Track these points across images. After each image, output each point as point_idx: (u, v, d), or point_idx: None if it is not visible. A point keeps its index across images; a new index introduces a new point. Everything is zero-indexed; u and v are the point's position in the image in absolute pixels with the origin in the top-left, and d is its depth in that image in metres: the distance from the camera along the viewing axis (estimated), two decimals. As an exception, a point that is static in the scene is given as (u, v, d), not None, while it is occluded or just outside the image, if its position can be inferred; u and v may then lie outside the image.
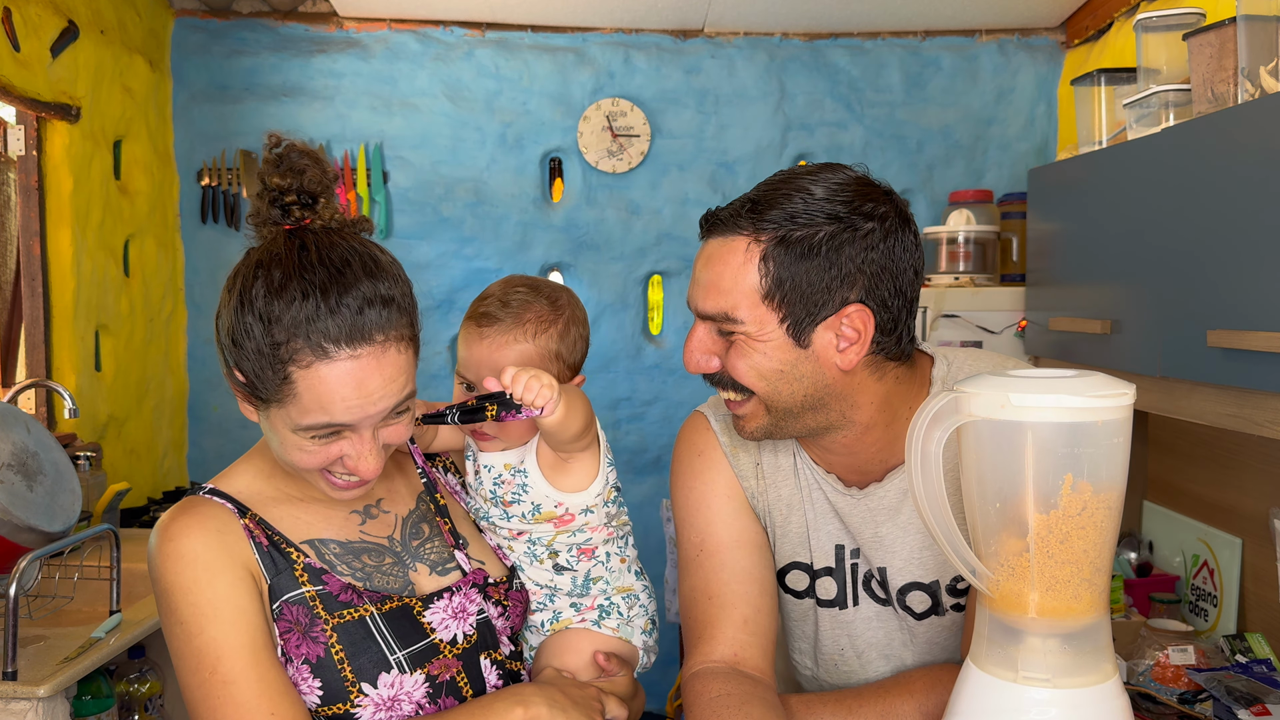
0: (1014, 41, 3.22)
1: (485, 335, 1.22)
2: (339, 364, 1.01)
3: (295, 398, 1.01)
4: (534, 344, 1.22)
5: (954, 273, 2.78)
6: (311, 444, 1.04)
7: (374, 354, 1.02)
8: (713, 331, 1.19)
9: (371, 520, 1.20)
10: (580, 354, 1.28)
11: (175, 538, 1.06)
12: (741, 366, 1.16)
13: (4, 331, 2.56)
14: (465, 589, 1.19)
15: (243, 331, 1.01)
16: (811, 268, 1.12)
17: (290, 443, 1.05)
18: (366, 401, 1.02)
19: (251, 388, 1.04)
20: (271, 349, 1.00)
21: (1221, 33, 1.63)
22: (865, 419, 1.20)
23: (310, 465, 1.06)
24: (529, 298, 1.24)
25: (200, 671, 1.04)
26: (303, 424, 1.02)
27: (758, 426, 1.21)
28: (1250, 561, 2.06)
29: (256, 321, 1.00)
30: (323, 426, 1.02)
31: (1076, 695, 0.92)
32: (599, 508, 1.26)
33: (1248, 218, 1.50)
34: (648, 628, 1.32)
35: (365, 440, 1.06)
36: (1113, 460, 0.91)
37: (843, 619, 1.31)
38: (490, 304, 1.24)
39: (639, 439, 3.30)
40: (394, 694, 1.09)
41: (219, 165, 3.17)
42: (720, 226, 1.16)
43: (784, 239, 1.12)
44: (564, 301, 1.27)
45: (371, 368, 1.02)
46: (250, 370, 1.02)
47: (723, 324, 1.16)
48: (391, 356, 1.04)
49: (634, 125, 3.22)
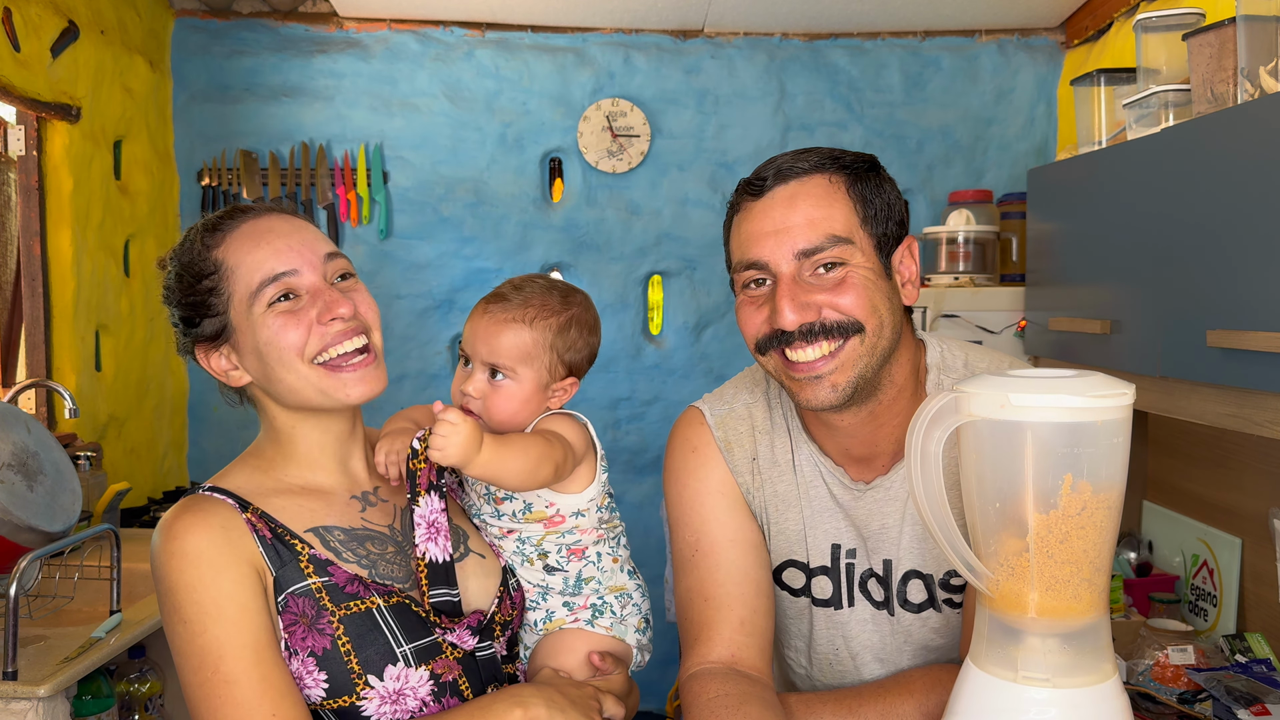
0: (1014, 41, 3.22)
1: (489, 311, 1.25)
2: (243, 225, 1.13)
3: (233, 271, 1.11)
4: (531, 329, 1.23)
5: (954, 273, 2.78)
6: (281, 319, 1.10)
7: (272, 215, 1.15)
8: (804, 277, 1.15)
9: (372, 508, 1.20)
10: (581, 356, 1.29)
11: (178, 536, 1.07)
12: (851, 297, 1.14)
13: (4, 331, 2.56)
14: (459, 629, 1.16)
15: (174, 281, 1.14)
16: (881, 201, 1.18)
17: (267, 335, 1.10)
18: (290, 240, 1.12)
19: (208, 316, 1.12)
20: (196, 258, 1.13)
21: (1221, 33, 1.63)
22: (901, 379, 1.23)
23: (296, 341, 1.10)
24: (541, 289, 1.27)
25: (202, 670, 1.04)
26: (254, 288, 1.10)
27: (848, 380, 1.16)
28: (1250, 561, 2.06)
29: (175, 272, 1.15)
30: (272, 279, 1.10)
31: (1076, 695, 0.92)
32: (591, 512, 1.27)
33: (1248, 218, 1.50)
34: (641, 626, 1.32)
35: (327, 289, 1.12)
36: (1112, 460, 0.91)
37: (838, 619, 1.31)
38: (504, 287, 1.28)
39: (639, 439, 3.30)
40: (399, 687, 1.09)
41: (219, 165, 3.17)
42: (785, 174, 1.18)
43: (855, 174, 1.18)
44: (576, 302, 1.29)
45: (275, 219, 1.14)
46: (195, 299, 1.12)
47: (827, 254, 1.14)
48: (290, 218, 1.16)
49: (634, 125, 3.22)
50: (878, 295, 1.16)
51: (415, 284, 3.22)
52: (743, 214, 1.21)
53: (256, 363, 1.12)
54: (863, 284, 1.15)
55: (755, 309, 1.19)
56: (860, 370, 1.16)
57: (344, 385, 1.12)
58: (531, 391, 1.24)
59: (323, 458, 1.19)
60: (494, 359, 1.23)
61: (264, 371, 1.12)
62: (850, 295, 1.14)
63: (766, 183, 1.18)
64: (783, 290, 1.15)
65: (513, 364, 1.23)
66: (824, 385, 1.16)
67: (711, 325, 3.32)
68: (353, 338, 1.12)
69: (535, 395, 1.25)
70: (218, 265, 1.11)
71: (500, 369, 1.23)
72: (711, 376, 3.31)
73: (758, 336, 1.19)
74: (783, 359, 1.18)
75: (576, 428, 1.26)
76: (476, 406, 1.24)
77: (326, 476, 1.19)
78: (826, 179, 1.17)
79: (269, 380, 1.13)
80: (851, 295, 1.14)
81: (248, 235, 1.12)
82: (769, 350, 1.19)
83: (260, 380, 1.14)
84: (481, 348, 1.23)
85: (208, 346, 1.14)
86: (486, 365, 1.23)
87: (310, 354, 1.10)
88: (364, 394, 1.13)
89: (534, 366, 1.24)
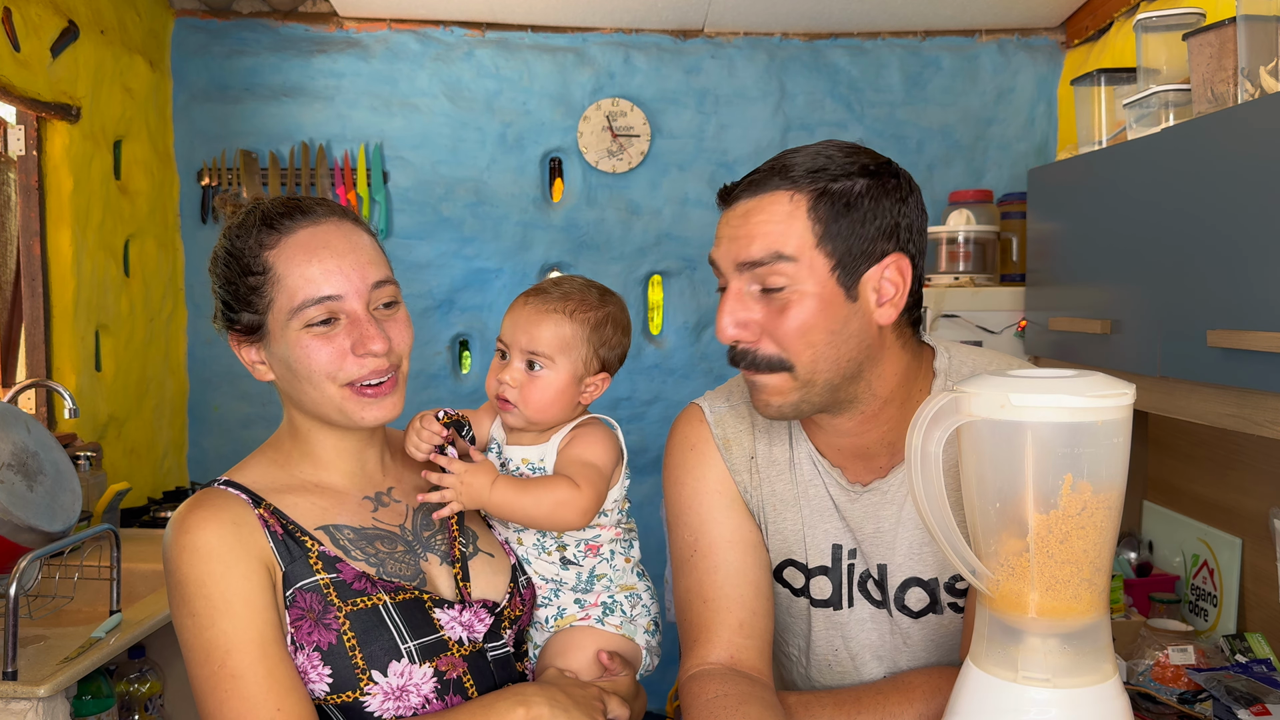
0: (1014, 41, 3.22)
1: (529, 303, 1.29)
2: (300, 231, 1.12)
3: (279, 281, 1.10)
4: (571, 321, 1.28)
5: (954, 273, 2.77)
6: (316, 340, 1.10)
7: (331, 223, 1.14)
8: (751, 293, 1.14)
9: (383, 508, 1.21)
10: (614, 355, 1.33)
11: (190, 530, 1.07)
12: (787, 326, 1.11)
13: (4, 331, 2.56)
14: (475, 607, 1.19)
15: (223, 263, 1.14)
16: (855, 217, 1.12)
17: (299, 353, 1.10)
18: (343, 263, 1.11)
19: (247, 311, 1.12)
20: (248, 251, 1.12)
21: (1221, 33, 1.63)
22: (886, 391, 1.20)
23: (326, 365, 1.10)
24: (581, 285, 1.32)
25: (209, 664, 1.05)
26: (295, 304, 1.09)
27: (785, 402, 1.15)
28: (1250, 561, 2.06)
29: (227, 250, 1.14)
30: (315, 302, 1.09)
31: (1076, 695, 0.92)
32: (613, 512, 1.30)
33: (1248, 218, 1.50)
34: (651, 628, 1.33)
35: (366, 320, 1.12)
36: (1113, 460, 0.91)
37: (837, 620, 1.30)
38: (545, 283, 1.33)
39: (639, 439, 3.30)
40: (403, 683, 1.10)
41: (219, 165, 3.17)
42: (753, 187, 1.15)
43: (824, 191, 1.12)
44: (612, 301, 1.34)
45: (333, 231, 1.13)
46: (239, 290, 1.12)
47: (771, 272, 1.11)
48: (350, 229, 1.15)
49: (634, 125, 3.22)
50: (820, 328, 1.12)
51: (415, 284, 3.22)
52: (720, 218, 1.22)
53: (284, 370, 1.14)
54: (803, 316, 1.12)
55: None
56: (798, 399, 1.15)
57: (362, 408, 1.13)
58: (567, 383, 1.27)
59: (338, 460, 1.20)
60: (533, 348, 1.26)
61: (289, 380, 1.14)
62: (785, 327, 1.12)
63: (736, 190, 1.17)
64: (724, 301, 1.15)
65: (552, 353, 1.26)
66: (767, 399, 1.17)
67: (711, 325, 3.31)
68: (383, 375, 1.14)
69: (570, 387, 1.28)
70: (266, 268, 1.11)
71: (538, 359, 1.27)
72: (711, 377, 3.31)
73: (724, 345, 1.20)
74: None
75: (609, 443, 1.29)
76: (513, 396, 1.27)
77: (341, 477, 1.20)
78: (789, 196, 1.13)
79: (292, 389, 1.14)
80: (786, 328, 1.12)
81: (303, 245, 1.11)
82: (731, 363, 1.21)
83: (284, 385, 1.16)
84: (522, 336, 1.27)
85: (241, 336, 1.16)
86: (525, 355, 1.27)
87: (342, 379, 1.12)
88: (380, 419, 1.15)
89: (571, 358, 1.27)
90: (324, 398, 1.12)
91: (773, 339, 1.13)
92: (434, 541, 1.22)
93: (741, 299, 1.14)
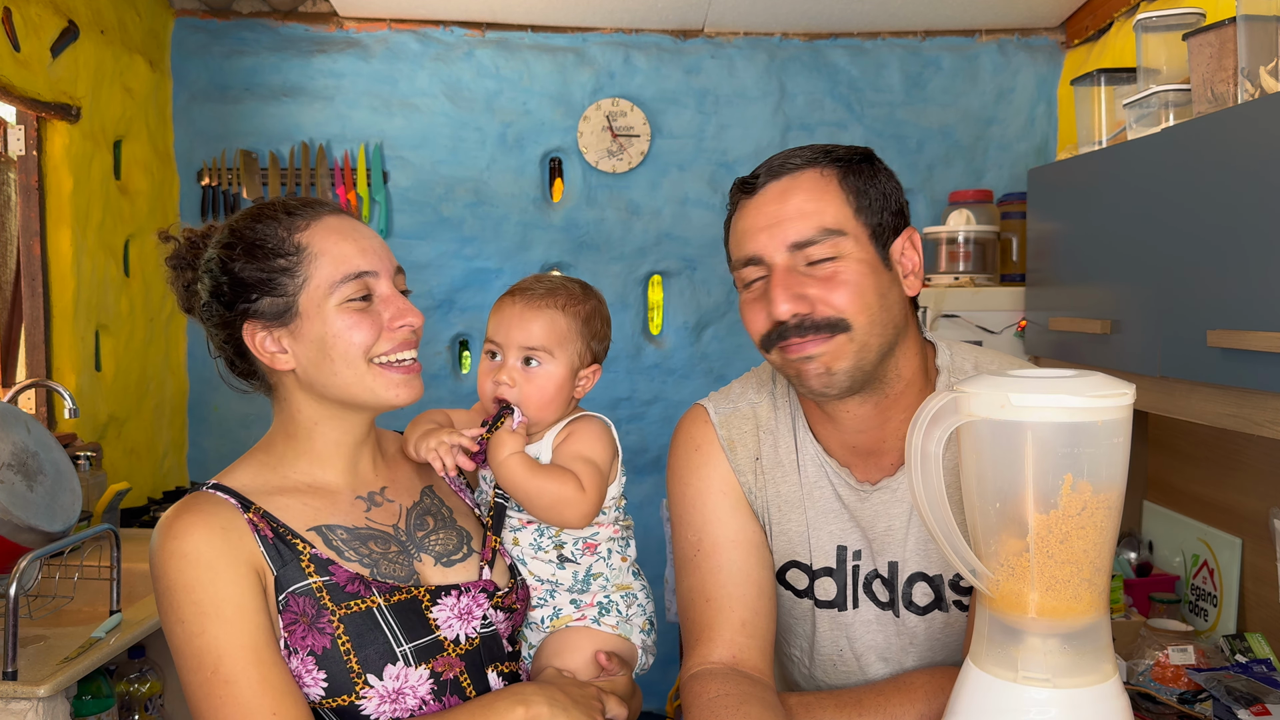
0: (1014, 41, 3.22)
1: (518, 301, 1.30)
2: (327, 218, 1.16)
3: (316, 258, 1.12)
4: (564, 314, 1.28)
5: (954, 273, 2.77)
6: (355, 315, 1.12)
7: (347, 217, 1.18)
8: (798, 269, 1.16)
9: (377, 508, 1.21)
10: (603, 347, 1.34)
11: (178, 535, 1.06)
12: (843, 293, 1.15)
13: (4, 331, 2.56)
14: (474, 591, 1.19)
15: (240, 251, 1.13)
16: (875, 191, 1.19)
17: (338, 328, 1.11)
18: (373, 243, 1.16)
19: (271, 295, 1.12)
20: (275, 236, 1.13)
21: (1221, 33, 1.63)
22: (909, 373, 1.23)
23: (365, 339, 1.12)
24: (561, 281, 1.34)
25: (202, 671, 1.04)
26: (338, 278, 1.12)
27: (842, 367, 1.16)
28: (1250, 561, 2.06)
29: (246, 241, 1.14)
30: (356, 276, 1.12)
31: (1076, 695, 0.92)
32: (611, 509, 1.30)
33: (1248, 218, 1.50)
34: (646, 628, 1.33)
35: (399, 298, 1.16)
36: (1113, 460, 0.91)
37: (841, 621, 1.30)
38: (525, 282, 1.34)
39: (639, 439, 3.30)
40: (399, 686, 1.10)
41: (219, 165, 3.17)
42: (778, 170, 1.19)
43: (847, 166, 1.19)
44: (594, 295, 1.36)
45: (354, 222, 1.18)
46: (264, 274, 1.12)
47: (820, 246, 1.15)
48: (362, 224, 1.20)
49: (634, 125, 3.22)
50: (871, 290, 1.16)
51: (415, 284, 3.22)
52: (739, 212, 1.22)
53: (314, 352, 1.12)
54: (855, 279, 1.15)
55: (757, 305, 1.20)
56: (853, 363, 1.16)
57: (393, 385, 1.15)
58: (565, 376, 1.28)
59: (335, 456, 1.19)
60: (530, 343, 1.27)
61: (319, 362, 1.13)
62: (841, 291, 1.15)
63: (760, 180, 1.20)
64: (776, 280, 1.16)
65: (549, 347, 1.27)
66: (826, 367, 1.16)
67: (711, 325, 3.32)
68: (413, 349, 1.17)
69: (567, 381, 1.29)
70: (300, 247, 1.12)
71: (535, 354, 1.27)
72: (711, 377, 3.31)
73: (762, 333, 1.20)
74: (783, 352, 1.19)
75: (606, 439, 1.29)
76: (512, 395, 1.27)
77: (335, 475, 1.19)
78: (818, 173, 1.18)
79: (321, 371, 1.13)
80: (842, 291, 1.15)
81: (334, 229, 1.15)
82: (773, 347, 1.20)
83: (309, 370, 1.13)
84: (517, 334, 1.27)
85: (260, 324, 1.13)
86: (522, 352, 1.27)
87: (376, 354, 1.13)
88: (408, 398, 1.17)
89: (567, 350, 1.28)
90: (356, 377, 1.13)
91: (828, 304, 1.15)
92: (428, 542, 1.22)
93: (793, 275, 1.17)
